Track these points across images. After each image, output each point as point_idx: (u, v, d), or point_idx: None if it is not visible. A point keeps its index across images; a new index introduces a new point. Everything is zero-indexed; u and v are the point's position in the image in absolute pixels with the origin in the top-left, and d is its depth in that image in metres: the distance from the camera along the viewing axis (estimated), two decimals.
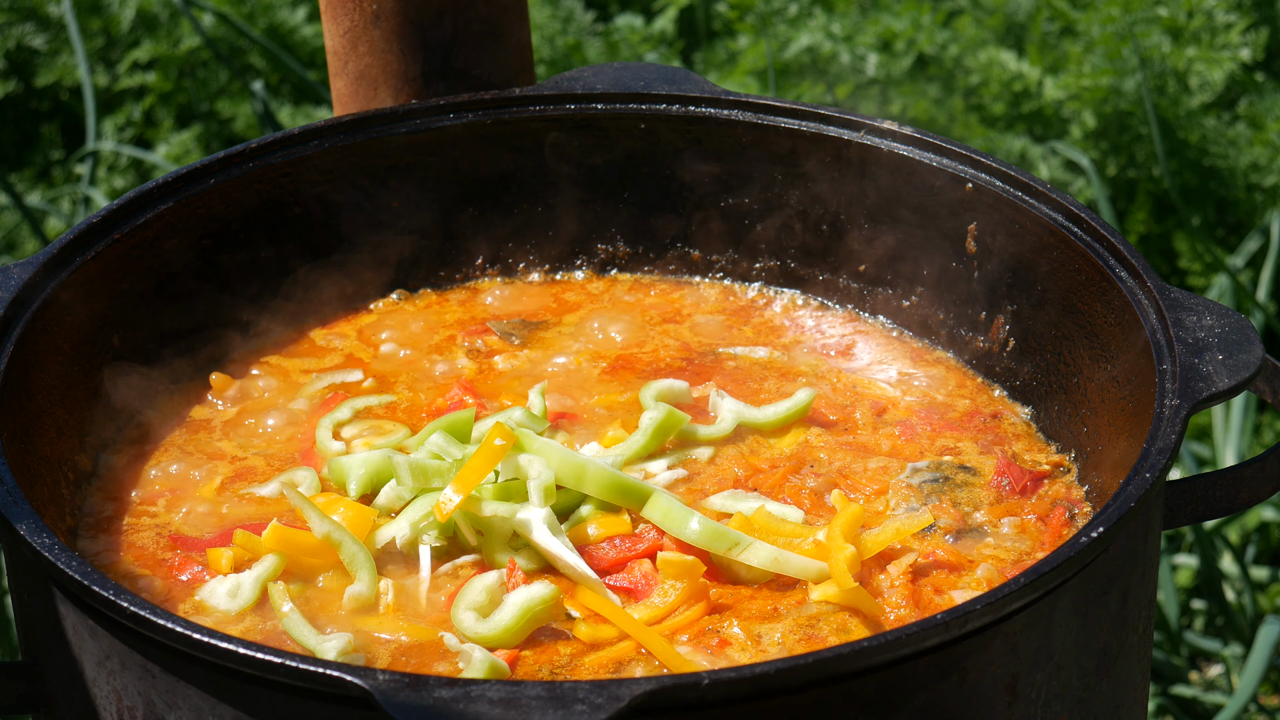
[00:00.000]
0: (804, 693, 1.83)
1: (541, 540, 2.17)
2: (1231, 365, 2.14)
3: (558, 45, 4.99)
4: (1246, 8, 4.73)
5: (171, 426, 2.47)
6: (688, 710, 1.81)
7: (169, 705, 1.93)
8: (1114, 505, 1.97)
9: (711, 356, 2.58)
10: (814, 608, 2.14)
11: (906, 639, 1.83)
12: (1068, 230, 2.40)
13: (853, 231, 2.64)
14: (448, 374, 2.55)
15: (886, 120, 2.59)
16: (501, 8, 2.88)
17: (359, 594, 2.15)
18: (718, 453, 2.39)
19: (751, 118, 2.64)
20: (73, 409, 2.37)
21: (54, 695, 2.08)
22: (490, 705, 1.75)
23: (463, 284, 2.74)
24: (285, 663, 1.82)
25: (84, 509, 2.33)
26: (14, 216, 4.91)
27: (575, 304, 2.71)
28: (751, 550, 2.16)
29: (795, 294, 2.71)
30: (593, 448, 2.35)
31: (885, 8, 4.92)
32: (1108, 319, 2.33)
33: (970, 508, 2.32)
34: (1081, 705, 2.03)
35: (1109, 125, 4.52)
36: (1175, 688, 3.60)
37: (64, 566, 1.94)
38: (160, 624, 1.87)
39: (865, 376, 2.55)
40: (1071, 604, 1.97)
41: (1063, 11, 4.79)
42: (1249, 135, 4.48)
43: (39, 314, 2.32)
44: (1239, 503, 2.24)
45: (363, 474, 2.29)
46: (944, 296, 2.59)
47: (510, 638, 2.09)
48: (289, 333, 2.64)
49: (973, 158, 2.52)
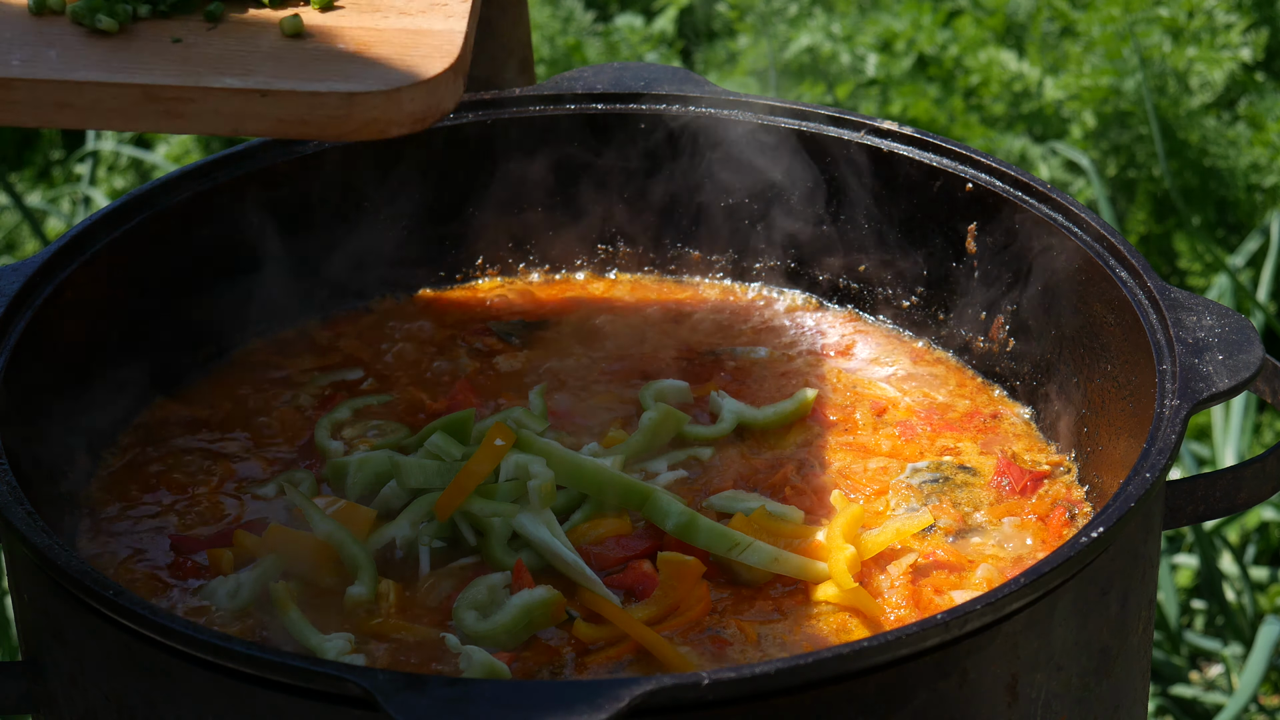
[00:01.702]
0: (804, 693, 1.83)
1: (541, 540, 2.17)
2: (1231, 365, 2.14)
3: (558, 45, 4.99)
4: (1247, 8, 4.73)
5: (171, 426, 2.47)
6: (688, 710, 1.81)
7: (169, 705, 1.93)
8: (1114, 505, 1.97)
9: (711, 356, 2.58)
10: (814, 608, 2.14)
11: (906, 639, 1.83)
12: (1068, 230, 2.40)
13: (853, 231, 2.64)
14: (448, 374, 2.55)
15: (886, 120, 2.59)
16: (501, 8, 2.88)
17: (359, 594, 2.15)
18: (718, 453, 2.39)
19: (751, 118, 2.64)
20: (72, 408, 2.37)
21: (54, 695, 2.08)
22: (490, 705, 1.75)
23: (463, 284, 2.74)
24: (285, 663, 1.82)
25: (84, 509, 2.33)
26: (14, 216, 4.91)
27: (575, 304, 2.71)
28: (751, 550, 2.16)
29: (795, 294, 2.71)
30: (593, 448, 2.35)
31: (885, 8, 4.92)
32: (1108, 319, 2.34)
33: (970, 508, 2.32)
34: (1081, 705, 2.03)
35: (1109, 125, 4.52)
36: (1175, 688, 3.60)
37: (64, 566, 1.94)
38: (160, 624, 1.87)
39: (865, 376, 2.55)
40: (1071, 604, 1.97)
41: (1063, 11, 4.79)
42: (1249, 135, 4.48)
43: (39, 314, 2.32)
44: (1239, 503, 2.24)
45: (362, 474, 2.29)
46: (944, 296, 2.59)
47: (508, 639, 2.09)
48: (289, 332, 2.64)
49: (973, 158, 2.53)
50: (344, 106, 1.99)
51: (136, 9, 2.10)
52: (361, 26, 2.11)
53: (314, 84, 1.99)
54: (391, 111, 2.01)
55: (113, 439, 2.44)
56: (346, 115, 1.99)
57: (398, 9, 2.14)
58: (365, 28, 2.11)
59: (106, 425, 2.44)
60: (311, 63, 2.03)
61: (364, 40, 2.08)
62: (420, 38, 2.09)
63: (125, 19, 2.09)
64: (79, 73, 2.00)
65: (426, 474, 2.25)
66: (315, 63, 2.03)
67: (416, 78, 2.01)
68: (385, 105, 2.00)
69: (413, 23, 2.12)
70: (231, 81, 1.99)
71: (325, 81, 1.99)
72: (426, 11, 2.13)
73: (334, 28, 2.10)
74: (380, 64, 2.03)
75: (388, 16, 2.12)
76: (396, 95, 2.00)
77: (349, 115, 1.99)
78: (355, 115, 2.00)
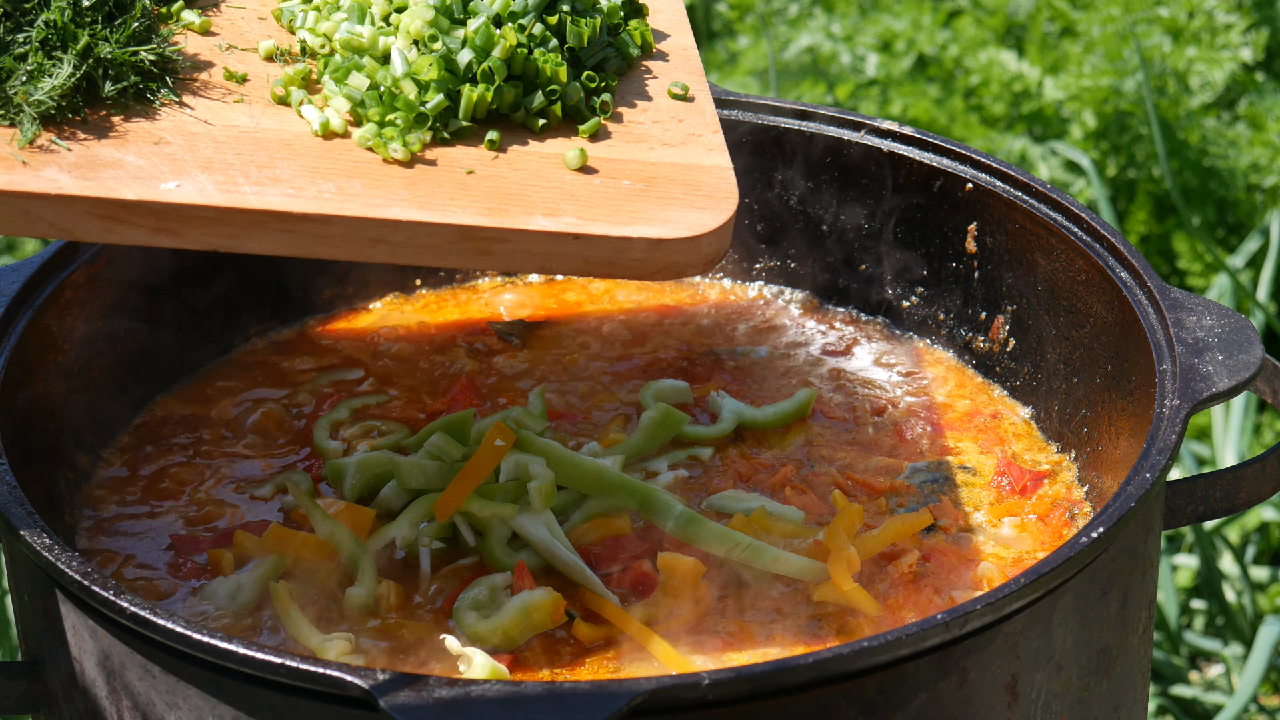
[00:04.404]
0: (804, 693, 1.83)
1: (541, 541, 2.17)
2: (1231, 365, 2.14)
3: None
4: (1247, 8, 4.73)
5: (172, 425, 2.47)
6: (688, 710, 1.81)
7: (169, 705, 1.93)
8: (1114, 505, 1.97)
9: (711, 356, 2.58)
10: (814, 608, 2.15)
11: (906, 639, 1.84)
12: (1068, 230, 2.40)
13: (853, 231, 2.64)
14: (447, 374, 2.55)
15: (886, 120, 2.59)
16: None
17: (359, 594, 2.15)
18: (718, 453, 2.39)
19: (751, 118, 2.64)
20: (73, 408, 2.37)
21: (54, 695, 2.08)
22: (490, 705, 1.75)
23: (463, 284, 2.74)
24: (285, 663, 1.82)
25: (84, 509, 2.33)
26: None
27: (575, 304, 2.71)
28: (751, 550, 2.16)
29: (795, 294, 2.71)
30: (593, 448, 2.35)
31: (885, 8, 4.92)
32: (1108, 319, 2.34)
33: (970, 508, 2.32)
34: (1081, 705, 2.03)
35: (1109, 125, 4.51)
36: (1175, 688, 3.60)
37: (64, 566, 1.95)
38: (160, 624, 1.87)
39: (865, 376, 2.55)
40: (1071, 604, 1.97)
41: (1063, 12, 4.79)
42: (1249, 135, 4.48)
43: (39, 314, 2.32)
44: (1239, 503, 2.24)
45: (361, 474, 2.29)
46: (944, 296, 2.59)
47: (507, 640, 2.09)
48: (289, 332, 2.64)
49: (973, 158, 2.53)
50: (651, 251, 2.01)
51: (423, 137, 2.11)
52: (636, 160, 2.12)
53: (623, 229, 2.00)
54: (691, 255, 2.03)
55: (113, 439, 2.44)
56: (650, 259, 2.01)
57: (659, 139, 2.16)
58: (640, 161, 2.12)
59: (106, 425, 2.44)
60: (610, 203, 2.05)
61: (646, 176, 2.09)
62: (696, 174, 2.11)
63: (419, 148, 2.09)
64: (394, 210, 2.00)
65: (426, 474, 2.25)
66: (612, 203, 2.05)
67: (712, 224, 2.03)
68: (687, 250, 2.02)
69: (680, 156, 2.13)
70: (544, 223, 2.00)
71: (634, 226, 2.01)
72: (686, 143, 2.16)
73: (612, 160, 2.12)
74: (673, 207, 2.05)
75: (654, 149, 2.14)
76: (698, 241, 2.02)
77: (653, 259, 2.01)
78: (659, 259, 2.02)
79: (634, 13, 2.34)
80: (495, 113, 2.16)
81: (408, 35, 2.17)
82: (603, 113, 2.19)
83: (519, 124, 2.17)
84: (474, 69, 2.15)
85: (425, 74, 2.13)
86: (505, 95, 2.15)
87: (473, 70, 2.15)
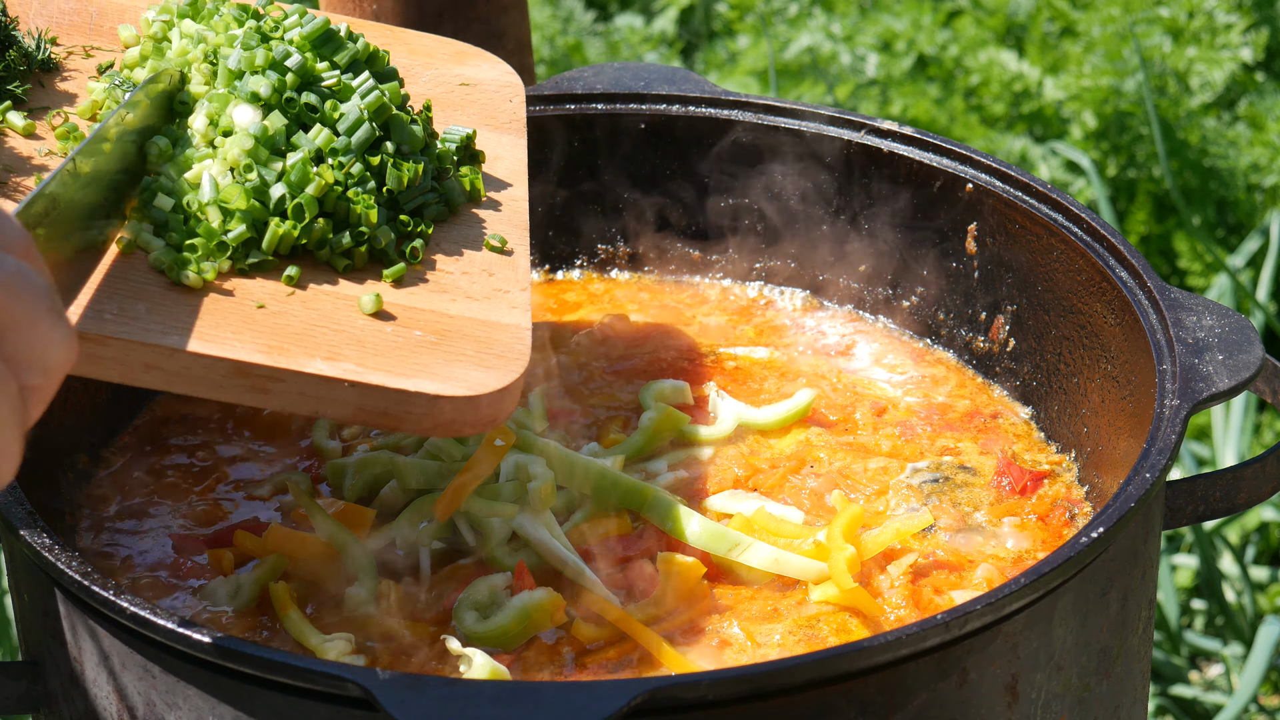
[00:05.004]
0: (804, 693, 1.83)
1: (541, 541, 2.17)
2: (1231, 365, 2.14)
3: (558, 45, 4.99)
4: (1247, 8, 4.73)
5: (171, 426, 2.47)
6: (688, 710, 1.81)
7: (169, 705, 1.93)
8: (1114, 505, 1.97)
9: (711, 356, 2.58)
10: (814, 608, 2.14)
11: (906, 639, 1.83)
12: (1068, 230, 2.40)
13: (853, 231, 2.64)
14: None
15: (886, 120, 2.59)
16: (501, 8, 2.88)
17: (359, 595, 2.15)
18: (718, 453, 2.39)
19: (751, 118, 2.64)
20: (72, 408, 2.37)
21: (54, 695, 2.08)
22: (490, 705, 1.75)
23: None
24: (285, 663, 1.82)
25: (84, 509, 2.33)
26: None
27: (575, 304, 2.71)
28: (751, 551, 2.16)
29: (795, 294, 2.71)
30: (593, 448, 2.35)
31: (885, 8, 4.92)
32: (1108, 319, 2.34)
33: (970, 508, 2.32)
34: (1081, 705, 2.03)
35: (1109, 125, 4.52)
36: (1175, 688, 3.60)
37: (64, 566, 1.95)
38: (160, 624, 1.87)
39: (865, 376, 2.55)
40: (1071, 604, 1.97)
41: (1063, 11, 4.79)
42: (1249, 135, 4.48)
43: None
44: (1239, 503, 2.24)
45: (361, 474, 2.29)
46: (944, 296, 2.59)
47: (507, 640, 2.09)
48: None
49: (973, 158, 2.53)
50: (427, 406, 1.99)
51: (220, 265, 2.08)
52: (434, 310, 2.10)
53: (401, 381, 1.98)
54: (468, 414, 2.01)
55: (113, 439, 2.44)
56: (426, 414, 1.99)
57: (464, 292, 2.14)
58: (438, 312, 2.10)
59: (106, 425, 2.44)
60: (394, 352, 2.02)
61: (440, 328, 2.07)
62: (491, 332, 2.09)
63: (213, 276, 2.06)
64: (172, 338, 1.97)
65: (426, 474, 2.25)
66: (398, 353, 2.02)
67: (495, 385, 2.01)
68: (464, 409, 2.00)
69: (480, 311, 2.11)
70: (322, 367, 1.98)
71: (412, 380, 1.99)
72: (490, 298, 2.14)
73: (410, 309, 2.09)
74: (459, 363, 2.03)
75: (456, 301, 2.12)
76: (475, 401, 2.00)
77: (428, 414, 1.99)
78: (434, 415, 1.99)
79: (469, 159, 2.31)
80: (302, 247, 2.12)
81: (224, 162, 2.12)
82: (412, 258, 2.15)
83: (324, 261, 2.13)
84: (285, 204, 2.11)
85: (234, 203, 2.09)
86: (313, 231, 2.11)
87: (284, 205, 2.11)
